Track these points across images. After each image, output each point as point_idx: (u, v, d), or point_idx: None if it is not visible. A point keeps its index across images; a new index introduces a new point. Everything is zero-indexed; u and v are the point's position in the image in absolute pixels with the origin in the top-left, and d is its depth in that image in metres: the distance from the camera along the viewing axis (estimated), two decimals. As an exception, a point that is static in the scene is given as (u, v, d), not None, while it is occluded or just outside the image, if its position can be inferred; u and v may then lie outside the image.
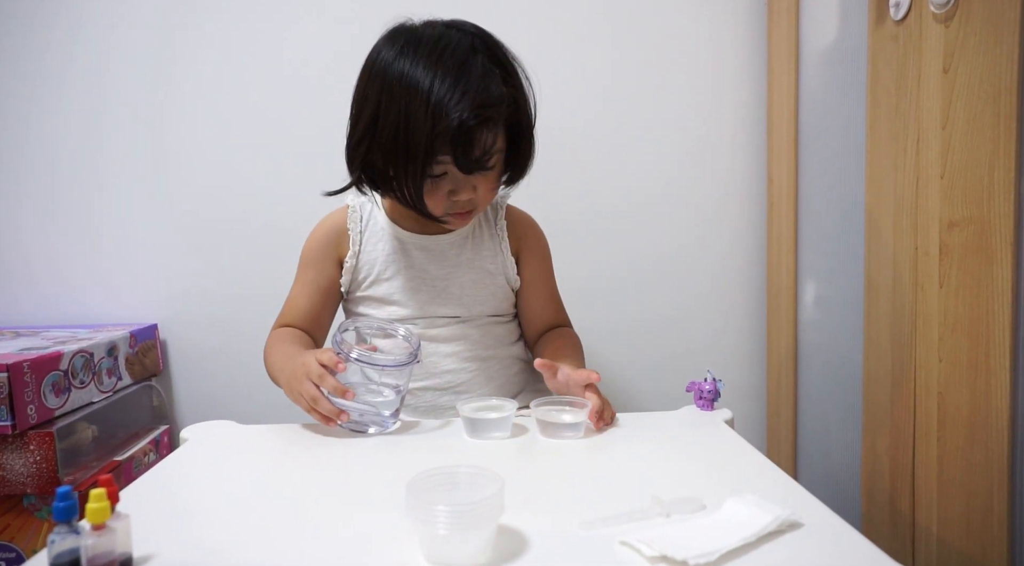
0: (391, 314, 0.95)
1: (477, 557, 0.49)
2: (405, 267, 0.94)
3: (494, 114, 0.82)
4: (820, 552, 0.50)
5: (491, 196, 0.90)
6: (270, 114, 1.36)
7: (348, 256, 0.95)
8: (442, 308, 0.94)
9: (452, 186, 0.85)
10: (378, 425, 0.79)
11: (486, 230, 0.98)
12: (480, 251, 0.96)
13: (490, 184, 0.88)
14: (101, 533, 0.46)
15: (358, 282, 0.96)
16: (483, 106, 0.80)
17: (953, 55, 0.81)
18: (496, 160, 0.86)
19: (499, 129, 0.84)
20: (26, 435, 0.99)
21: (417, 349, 0.79)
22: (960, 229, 0.81)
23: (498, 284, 0.97)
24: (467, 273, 0.95)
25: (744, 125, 1.40)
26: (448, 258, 0.95)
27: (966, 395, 0.80)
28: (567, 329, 1.03)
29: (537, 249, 1.01)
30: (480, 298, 0.96)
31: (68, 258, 1.38)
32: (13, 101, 1.34)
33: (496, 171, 0.88)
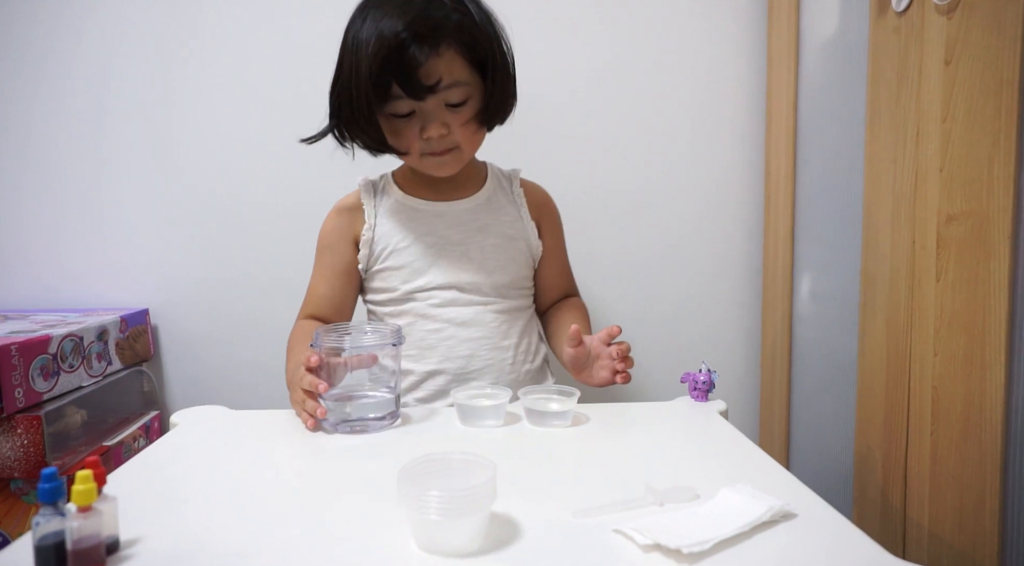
0: (411, 282, 0.93)
1: (469, 544, 0.49)
2: (423, 234, 0.94)
3: (432, 32, 0.80)
4: (814, 542, 0.50)
5: (471, 138, 0.89)
6: (265, 102, 1.34)
7: (364, 230, 0.95)
8: (462, 274, 0.93)
9: (422, 122, 0.85)
10: (375, 426, 0.76)
11: (503, 196, 0.98)
12: (499, 216, 0.96)
13: (462, 120, 0.86)
14: (87, 515, 0.45)
15: (376, 255, 0.95)
16: (417, 23, 0.79)
17: (955, 47, 0.80)
18: (460, 93, 0.84)
19: (452, 56, 0.82)
20: (14, 419, 0.98)
21: (395, 339, 0.76)
22: (958, 223, 0.80)
23: (519, 249, 0.97)
24: (487, 238, 0.94)
25: (743, 117, 1.39)
26: (465, 222, 0.94)
27: (961, 389, 0.80)
28: (576, 299, 1.05)
29: (554, 218, 1.03)
30: (501, 263, 0.95)
31: (59, 242, 1.36)
32: (13, 88, 1.32)
33: (468, 108, 0.86)
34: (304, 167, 1.34)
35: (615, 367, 0.81)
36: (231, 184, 1.36)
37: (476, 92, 0.87)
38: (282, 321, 1.37)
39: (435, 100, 0.84)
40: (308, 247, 1.34)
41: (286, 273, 1.37)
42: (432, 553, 0.48)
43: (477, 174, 1.00)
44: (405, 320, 0.94)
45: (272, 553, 0.49)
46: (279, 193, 1.35)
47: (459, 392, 0.78)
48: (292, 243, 1.36)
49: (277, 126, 1.35)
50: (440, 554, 0.48)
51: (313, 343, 0.75)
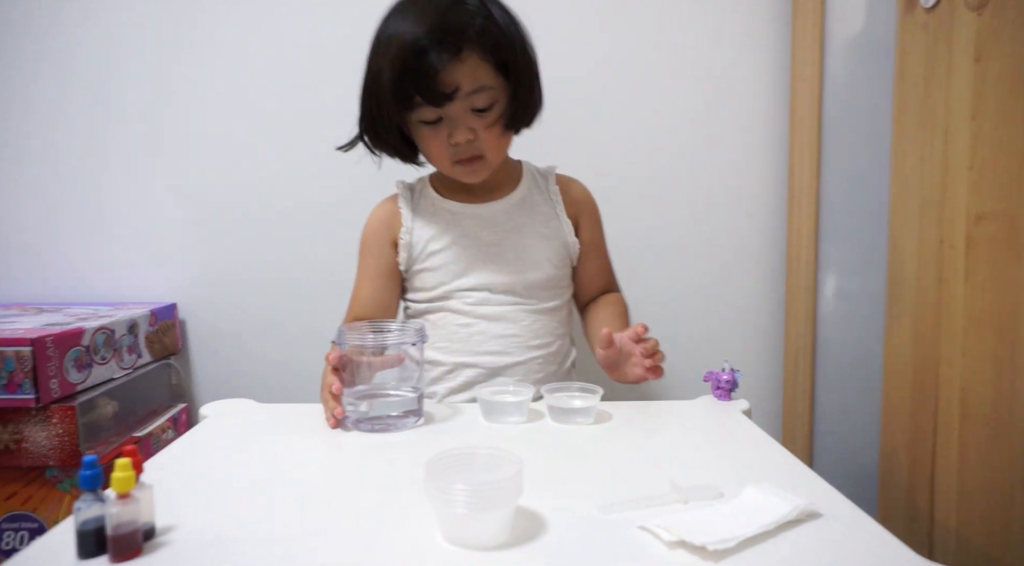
0: (448, 283, 0.94)
1: (495, 537, 0.49)
2: (459, 236, 0.94)
3: (453, 38, 0.80)
4: (840, 542, 0.50)
5: (498, 141, 0.89)
6: (296, 99, 1.36)
7: (402, 233, 0.96)
8: (497, 275, 0.93)
9: (449, 128, 0.85)
10: (397, 425, 0.76)
11: (538, 195, 0.98)
12: (534, 216, 0.96)
13: (488, 125, 0.86)
14: (126, 502, 0.47)
15: (414, 256, 0.96)
16: (438, 29, 0.79)
17: (986, 44, 0.79)
18: (485, 98, 0.84)
19: (476, 61, 0.82)
20: (49, 409, 1.01)
21: (418, 338, 0.77)
22: (988, 222, 0.79)
23: (553, 248, 0.96)
24: (521, 238, 0.95)
25: (766, 116, 1.38)
26: (500, 223, 0.95)
27: (990, 391, 0.79)
28: (616, 294, 1.05)
29: (593, 213, 1.03)
30: (535, 262, 0.95)
31: (90, 236, 1.39)
32: (50, 84, 1.36)
33: (493, 113, 0.86)
34: (333, 165, 1.35)
35: (644, 364, 0.81)
36: (260, 181, 1.38)
37: (501, 96, 0.87)
38: (307, 317, 1.39)
39: (460, 106, 0.84)
40: (335, 244, 1.37)
41: (312, 269, 1.39)
42: (458, 546, 0.49)
43: (511, 174, 1.00)
44: (438, 315, 0.95)
45: (301, 542, 0.50)
46: (307, 190, 1.37)
47: (482, 388, 0.79)
48: (319, 240, 1.38)
49: (307, 123, 1.36)
50: (466, 547, 0.49)
51: (337, 341, 0.76)
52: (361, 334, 0.76)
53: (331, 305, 1.34)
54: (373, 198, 1.03)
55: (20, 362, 0.98)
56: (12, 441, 1.01)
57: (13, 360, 0.98)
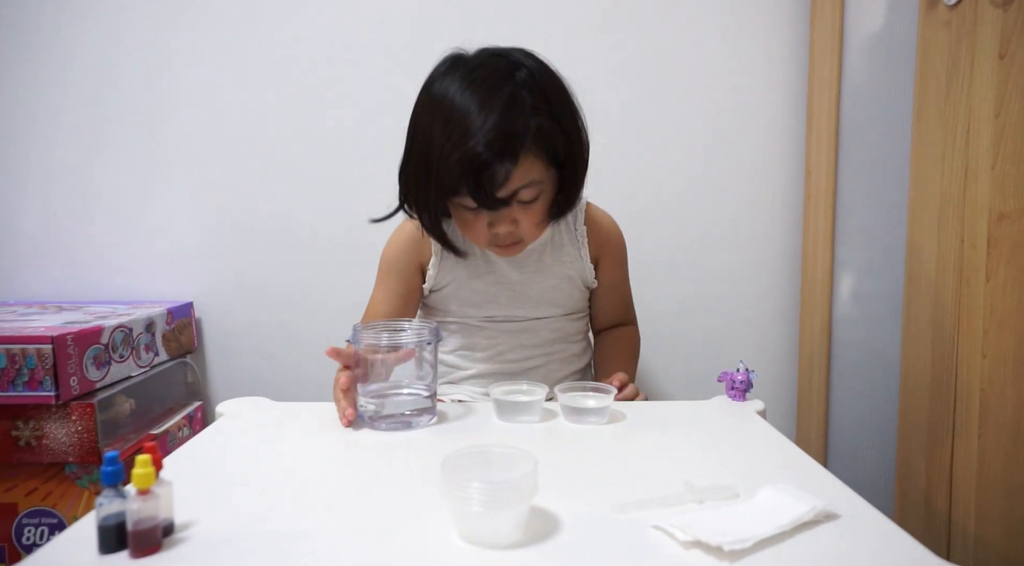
0: (468, 313, 0.96)
1: (510, 535, 0.49)
2: (486, 272, 0.95)
3: (513, 146, 0.77)
4: (857, 543, 0.50)
5: (538, 229, 0.87)
6: (316, 101, 1.37)
7: (431, 264, 0.95)
8: (519, 310, 0.95)
9: (490, 219, 0.83)
10: (411, 423, 0.76)
11: (566, 235, 0.96)
12: (560, 257, 0.96)
13: (533, 216, 0.84)
14: (146, 498, 0.47)
15: (438, 284, 0.96)
16: (498, 140, 0.76)
17: (1011, 41, 0.78)
18: (533, 192, 0.82)
19: (531, 161, 0.80)
20: (68, 405, 1.02)
21: (433, 337, 0.77)
22: (1011, 221, 0.78)
23: (575, 287, 0.97)
24: (547, 279, 0.95)
25: (783, 115, 1.37)
26: (528, 265, 0.95)
27: (1011, 392, 0.78)
28: (628, 329, 1.04)
29: (616, 254, 1.01)
30: (557, 300, 0.96)
31: (109, 236, 1.41)
32: (57, 80, 1.37)
33: (540, 204, 0.84)
34: (349, 168, 1.36)
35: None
36: (276, 182, 1.39)
37: (549, 187, 0.85)
38: (321, 315, 1.40)
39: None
40: (350, 245, 1.37)
41: (327, 269, 1.40)
42: (474, 544, 0.49)
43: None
44: (457, 326, 0.97)
45: (318, 539, 0.50)
46: (323, 192, 1.38)
47: (496, 388, 0.79)
48: (335, 240, 1.39)
49: (325, 127, 1.37)
50: (482, 545, 0.49)
51: (352, 340, 0.76)
52: (376, 333, 0.77)
53: (346, 305, 1.35)
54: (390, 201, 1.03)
55: (41, 360, 0.99)
56: (33, 437, 1.03)
57: (34, 357, 0.99)
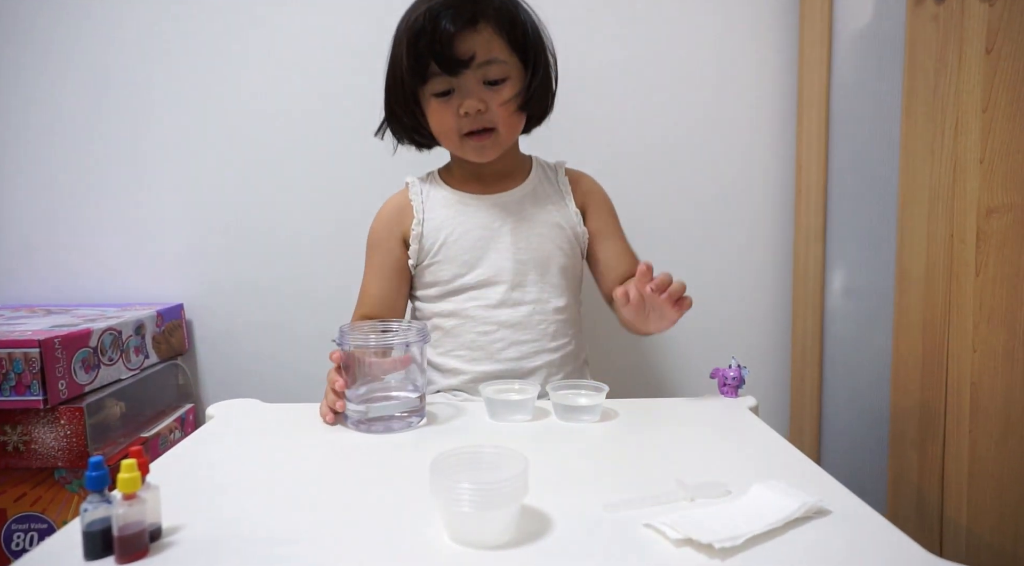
0: (462, 276, 0.94)
1: (500, 535, 0.49)
2: (472, 227, 0.94)
3: (469, 7, 0.83)
4: (848, 538, 0.50)
5: (509, 118, 0.89)
6: (305, 102, 1.36)
7: (413, 225, 0.95)
8: (512, 263, 0.93)
9: (458, 100, 0.86)
10: (399, 425, 0.75)
11: (548, 186, 0.99)
12: (545, 205, 0.97)
13: (500, 99, 0.87)
14: (132, 503, 0.47)
15: (426, 250, 0.95)
16: (454, 1, 0.82)
17: (997, 35, 0.78)
18: (498, 70, 0.86)
19: (491, 34, 0.85)
20: (57, 410, 1.01)
21: (421, 337, 0.75)
22: (999, 215, 0.78)
23: (566, 237, 0.97)
24: (534, 226, 0.95)
25: (773, 110, 1.37)
26: (513, 212, 0.95)
27: (1000, 385, 0.78)
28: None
29: (602, 202, 1.02)
30: (548, 250, 0.95)
31: (97, 238, 1.40)
32: (50, 85, 1.36)
33: (506, 88, 0.87)
34: (339, 167, 1.36)
35: (672, 310, 0.78)
36: (267, 182, 1.38)
37: (515, 74, 0.88)
38: (313, 316, 1.40)
39: (472, 77, 0.85)
40: (342, 245, 1.37)
41: (319, 270, 1.39)
42: (464, 545, 0.49)
43: (522, 166, 1.00)
44: (454, 321, 0.94)
45: (308, 542, 0.50)
46: (314, 192, 1.37)
47: (487, 387, 0.78)
48: (326, 241, 1.38)
49: (315, 126, 1.36)
50: (472, 546, 0.49)
51: (338, 341, 0.75)
52: (363, 334, 0.75)
53: (337, 305, 1.34)
54: (379, 200, 1.03)
55: (28, 363, 0.98)
56: (21, 442, 1.02)
57: (21, 361, 0.98)
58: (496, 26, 0.85)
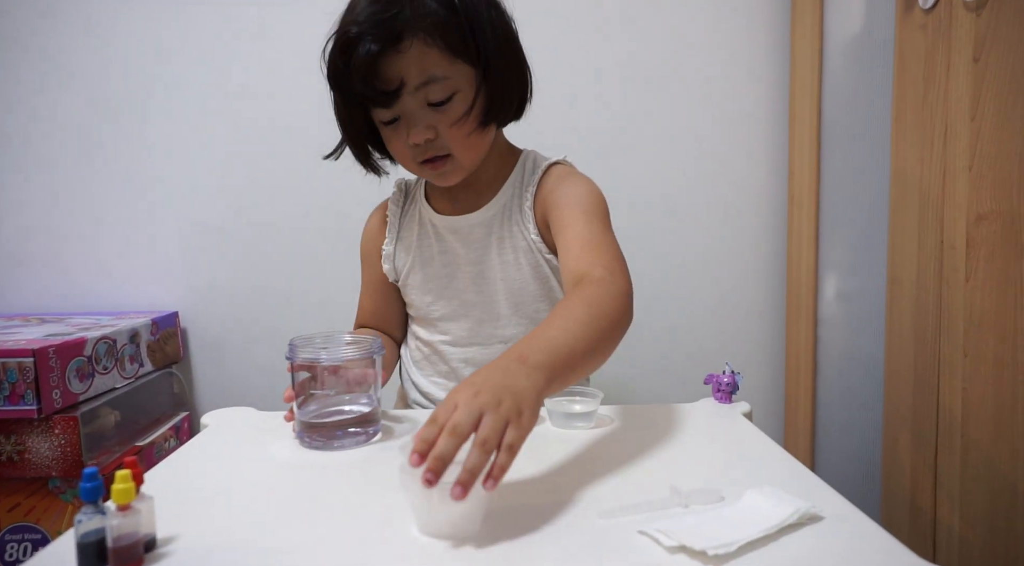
0: (430, 307, 0.88)
1: (467, 527, 0.51)
2: (438, 253, 0.87)
3: (387, 26, 0.69)
4: (841, 545, 0.50)
5: (466, 140, 0.76)
6: (297, 109, 1.37)
7: (385, 244, 0.91)
8: (478, 296, 0.85)
9: (407, 128, 0.75)
10: (351, 442, 0.71)
11: (516, 200, 0.85)
12: (510, 227, 0.84)
13: (450, 120, 0.74)
14: (126, 514, 0.47)
15: (399, 270, 0.90)
16: (371, 18, 0.70)
17: (984, 44, 0.79)
18: (440, 90, 0.73)
19: (421, 50, 0.71)
20: (51, 419, 1.01)
21: (373, 350, 0.70)
22: (988, 222, 0.79)
23: (535, 263, 0.83)
24: (499, 253, 0.84)
25: (765, 117, 1.38)
26: (477, 238, 0.84)
27: (991, 390, 0.79)
28: (581, 290, 0.70)
29: (565, 194, 0.81)
30: (520, 282, 0.84)
31: (92, 247, 1.40)
32: (42, 88, 1.36)
33: (456, 106, 0.74)
34: (334, 175, 1.35)
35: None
36: (261, 190, 1.38)
37: (464, 84, 0.75)
38: (308, 325, 1.39)
39: (413, 101, 0.73)
40: (336, 253, 1.37)
41: (313, 278, 1.39)
42: (432, 536, 0.51)
43: (500, 175, 0.86)
44: (429, 350, 0.91)
45: (304, 551, 0.50)
46: (309, 200, 1.37)
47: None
48: (320, 249, 1.38)
49: (308, 134, 1.37)
50: (440, 537, 0.51)
51: (288, 355, 0.69)
52: (313, 348, 0.70)
53: (332, 313, 1.34)
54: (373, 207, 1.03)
55: (22, 373, 0.98)
56: (15, 452, 1.02)
57: (15, 371, 0.98)
58: (426, 37, 0.71)
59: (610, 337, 0.68)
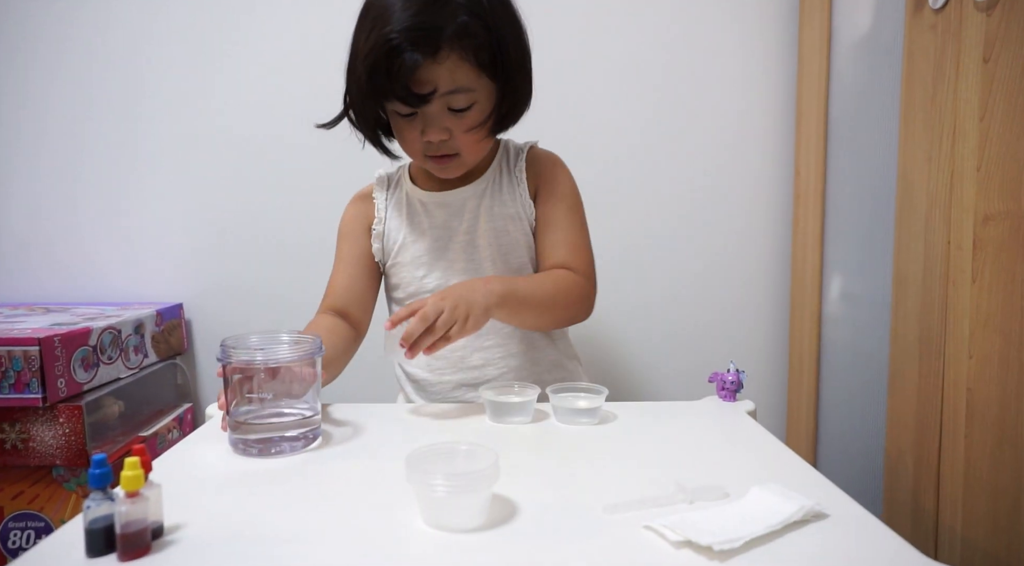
0: (422, 279, 0.91)
1: (472, 519, 0.51)
2: (429, 227, 0.92)
3: (429, 38, 0.75)
4: (846, 542, 0.50)
5: (476, 143, 0.85)
6: (299, 101, 1.37)
7: (375, 223, 0.95)
8: (471, 263, 0.90)
9: (423, 125, 0.82)
10: (289, 447, 0.68)
11: (505, 176, 0.92)
12: (500, 197, 0.91)
13: (467, 126, 0.82)
14: (135, 501, 0.47)
15: (388, 250, 0.94)
16: (414, 27, 0.74)
17: (994, 44, 0.79)
18: (464, 99, 0.80)
19: (455, 62, 0.77)
20: (56, 408, 1.01)
21: (314, 350, 0.69)
22: (996, 223, 0.79)
23: (523, 230, 0.91)
24: (489, 221, 0.90)
25: (772, 117, 1.38)
26: (468, 209, 0.91)
27: (996, 392, 0.78)
28: (557, 271, 0.88)
29: (555, 185, 0.92)
30: (507, 245, 0.90)
31: (97, 237, 1.40)
32: (44, 79, 1.36)
33: (473, 114, 0.82)
34: (339, 168, 1.36)
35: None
36: (266, 182, 1.39)
37: (483, 96, 0.82)
38: (310, 317, 1.40)
39: (437, 105, 0.80)
40: (338, 244, 1.37)
41: (317, 270, 1.39)
42: (437, 528, 0.52)
43: (486, 159, 0.94)
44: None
45: (308, 540, 0.50)
46: (311, 191, 1.38)
47: (487, 389, 0.79)
48: (324, 241, 1.38)
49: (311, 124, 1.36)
50: (446, 530, 0.51)
51: (220, 357, 0.67)
52: (248, 349, 0.67)
53: (336, 305, 1.33)
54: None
55: (28, 362, 0.98)
56: (19, 440, 1.02)
57: (21, 360, 0.98)
58: (461, 52, 0.77)
59: (562, 313, 0.88)
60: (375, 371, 1.11)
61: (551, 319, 0.89)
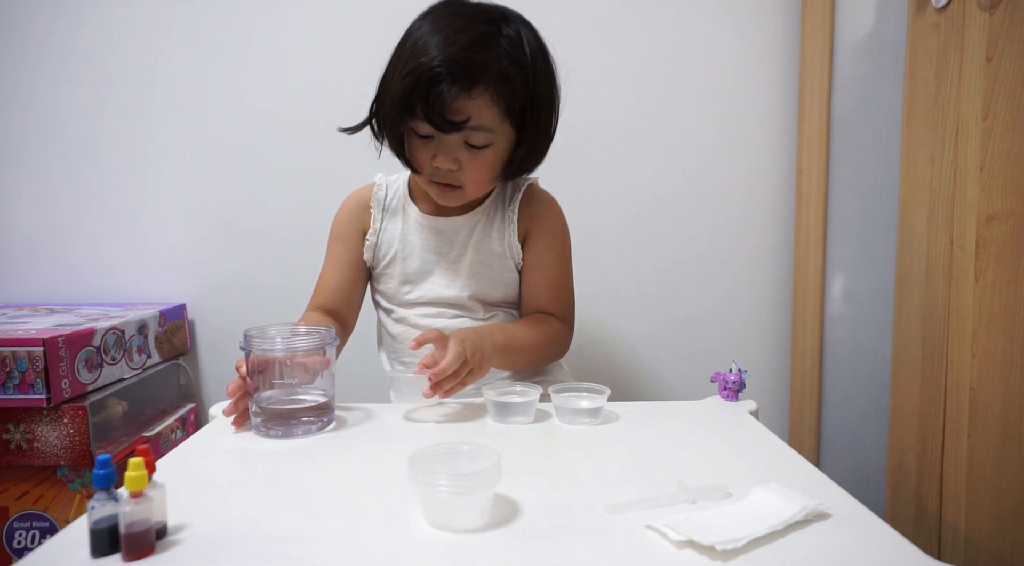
0: (407, 293, 0.94)
1: (474, 519, 0.52)
2: (421, 249, 0.94)
3: (468, 75, 0.78)
4: (849, 542, 0.50)
5: (481, 181, 0.87)
6: (304, 101, 1.37)
7: (369, 233, 0.96)
8: (452, 290, 0.93)
9: (435, 149, 0.84)
10: (304, 430, 0.73)
11: (499, 213, 0.95)
12: (490, 234, 0.94)
13: (477, 164, 0.85)
14: (139, 501, 0.47)
15: (379, 259, 0.97)
16: (457, 61, 0.78)
17: (997, 44, 0.79)
18: (482, 137, 0.83)
19: (486, 101, 0.81)
20: (60, 408, 1.02)
21: (328, 340, 0.75)
22: (999, 223, 0.79)
23: (506, 267, 0.94)
24: (476, 254, 0.93)
25: (774, 116, 1.38)
26: (459, 240, 0.94)
27: (999, 391, 0.78)
28: (542, 318, 0.94)
29: (546, 230, 0.95)
30: (488, 280, 0.94)
31: (101, 238, 1.40)
32: (52, 85, 1.37)
33: (487, 154, 0.85)
34: (339, 168, 1.36)
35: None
36: (268, 183, 1.39)
37: (502, 140, 0.85)
38: (314, 317, 1.40)
39: (457, 136, 0.83)
40: (340, 244, 1.37)
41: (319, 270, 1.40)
42: (440, 528, 0.52)
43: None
44: (401, 327, 0.96)
45: (310, 540, 0.50)
46: (317, 193, 1.38)
47: (489, 389, 0.79)
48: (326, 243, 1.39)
49: (317, 128, 1.37)
50: (448, 529, 0.51)
51: (244, 346, 0.72)
52: (271, 339, 0.73)
53: (339, 305, 1.33)
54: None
55: (32, 362, 0.99)
56: (24, 440, 1.02)
57: (25, 360, 0.99)
58: (493, 94, 0.81)
59: (544, 357, 0.95)
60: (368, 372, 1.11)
61: (535, 363, 0.96)
